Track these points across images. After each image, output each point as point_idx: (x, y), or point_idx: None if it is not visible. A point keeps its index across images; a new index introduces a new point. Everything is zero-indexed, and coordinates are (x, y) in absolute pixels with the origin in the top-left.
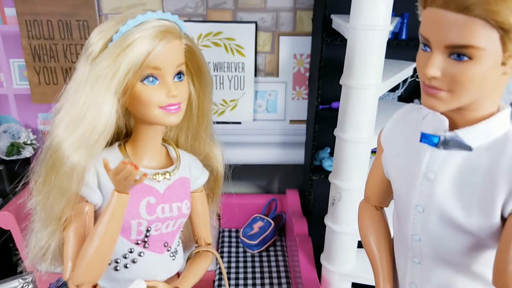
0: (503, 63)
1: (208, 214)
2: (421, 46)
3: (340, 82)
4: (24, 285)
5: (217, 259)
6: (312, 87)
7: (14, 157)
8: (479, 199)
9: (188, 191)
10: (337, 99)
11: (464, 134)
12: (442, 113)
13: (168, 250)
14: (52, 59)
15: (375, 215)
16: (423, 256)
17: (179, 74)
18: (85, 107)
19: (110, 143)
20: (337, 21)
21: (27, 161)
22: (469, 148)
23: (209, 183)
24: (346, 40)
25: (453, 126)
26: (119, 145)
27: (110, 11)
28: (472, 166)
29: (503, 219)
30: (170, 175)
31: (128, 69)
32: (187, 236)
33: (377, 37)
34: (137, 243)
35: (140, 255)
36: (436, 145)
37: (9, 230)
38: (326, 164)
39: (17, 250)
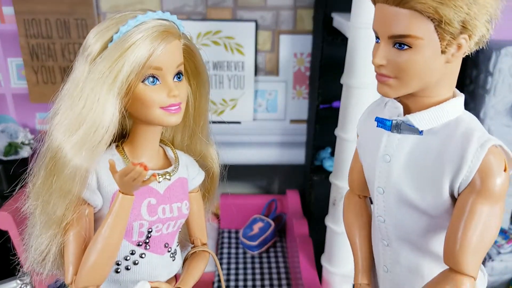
0: (443, 52)
1: (204, 214)
2: (375, 39)
3: (341, 81)
4: (22, 286)
5: (213, 258)
6: (312, 86)
7: (12, 157)
8: (430, 180)
9: (187, 191)
10: (338, 98)
11: (414, 118)
12: (399, 101)
13: (169, 251)
14: (50, 58)
15: (358, 204)
16: (389, 237)
17: (179, 74)
18: (86, 109)
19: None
20: (338, 20)
21: (25, 161)
22: (419, 132)
23: (205, 183)
24: (347, 38)
25: (408, 112)
26: (117, 146)
27: (109, 9)
28: (424, 148)
29: (455, 200)
30: (170, 175)
31: (131, 70)
32: (183, 236)
33: None
34: (139, 245)
35: (141, 257)
36: (390, 129)
37: (7, 231)
38: (327, 164)
39: (15, 251)
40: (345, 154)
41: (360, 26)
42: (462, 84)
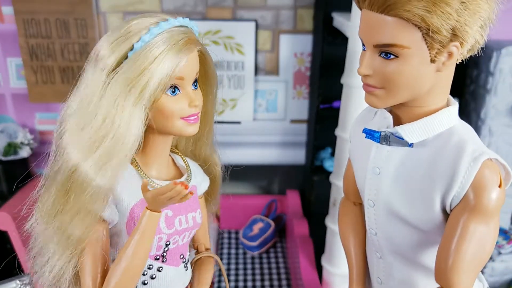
0: (433, 60)
1: (207, 219)
2: (361, 46)
3: (341, 81)
4: (22, 287)
5: (217, 263)
6: (312, 86)
7: (11, 157)
8: (421, 194)
9: (198, 199)
10: (338, 98)
11: (403, 130)
12: (390, 110)
13: (184, 262)
14: (50, 58)
15: (353, 212)
16: (382, 250)
17: (195, 82)
18: (107, 124)
19: None
20: (338, 19)
21: (24, 161)
22: (408, 144)
23: (207, 187)
24: (347, 38)
25: (398, 122)
26: None
27: (108, 9)
28: (414, 161)
29: (447, 216)
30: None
31: (159, 82)
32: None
33: None
34: (156, 259)
35: (159, 270)
36: (379, 141)
37: (6, 231)
38: (327, 164)
39: (14, 251)
40: (346, 154)
41: None
42: (463, 84)
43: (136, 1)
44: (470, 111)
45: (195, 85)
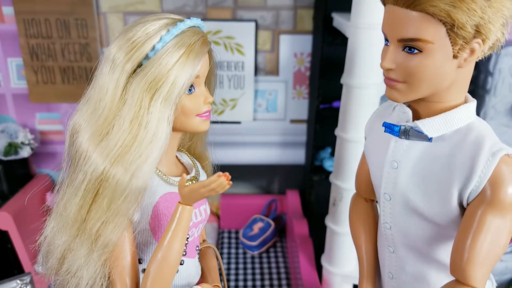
0: (455, 56)
1: None
2: (384, 41)
3: (341, 81)
4: (22, 286)
5: (216, 255)
6: (312, 86)
7: (12, 157)
8: (438, 188)
9: None
10: (338, 98)
11: (423, 124)
12: (408, 105)
13: (198, 253)
14: (50, 58)
15: (364, 208)
16: (395, 244)
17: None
18: (135, 126)
19: None
20: (338, 20)
21: (24, 161)
22: (427, 138)
23: None
24: (347, 38)
25: (417, 118)
26: None
27: (108, 9)
28: (433, 155)
29: (464, 210)
30: (197, 180)
31: (184, 82)
32: None
33: (378, 36)
34: None
35: (181, 264)
36: (398, 135)
37: (6, 231)
38: (327, 164)
39: (15, 251)
40: (345, 154)
41: (360, 26)
42: None
43: (136, 1)
44: None
45: (204, 83)
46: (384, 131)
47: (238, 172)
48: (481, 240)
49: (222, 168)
